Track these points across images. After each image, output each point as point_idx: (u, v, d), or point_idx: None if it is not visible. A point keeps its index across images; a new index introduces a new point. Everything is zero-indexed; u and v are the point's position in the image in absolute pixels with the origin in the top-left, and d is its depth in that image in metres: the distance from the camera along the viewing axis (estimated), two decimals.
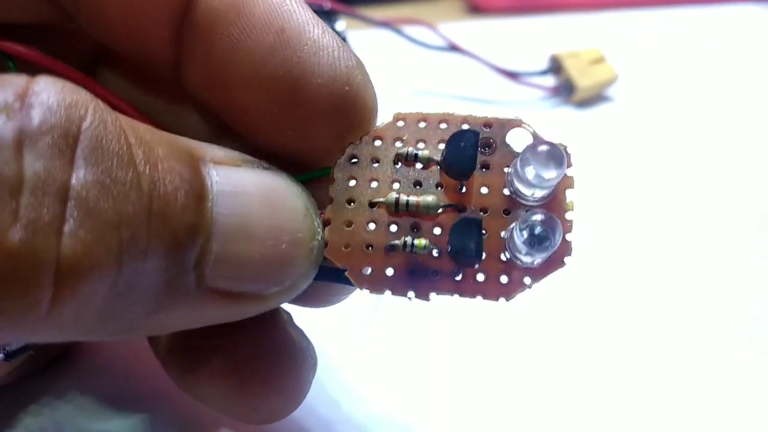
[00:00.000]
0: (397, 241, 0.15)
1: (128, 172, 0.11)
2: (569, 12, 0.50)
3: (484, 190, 0.15)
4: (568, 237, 0.15)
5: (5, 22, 0.16)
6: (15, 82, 0.11)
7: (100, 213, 0.11)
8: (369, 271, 0.15)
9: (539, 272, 0.15)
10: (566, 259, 0.15)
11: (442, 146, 0.15)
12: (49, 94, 0.11)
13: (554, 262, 0.15)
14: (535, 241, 0.14)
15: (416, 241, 0.15)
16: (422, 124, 0.16)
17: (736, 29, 0.49)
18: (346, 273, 0.15)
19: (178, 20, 0.15)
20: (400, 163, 0.15)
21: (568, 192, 0.15)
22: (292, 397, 0.17)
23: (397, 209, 0.15)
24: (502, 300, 0.15)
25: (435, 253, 0.15)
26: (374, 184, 0.15)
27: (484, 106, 0.39)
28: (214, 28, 0.15)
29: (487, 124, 0.16)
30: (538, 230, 0.14)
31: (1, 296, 0.10)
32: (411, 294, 0.15)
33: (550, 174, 0.14)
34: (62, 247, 0.10)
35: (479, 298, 0.15)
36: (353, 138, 0.16)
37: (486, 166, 0.15)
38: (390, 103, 0.18)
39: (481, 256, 0.14)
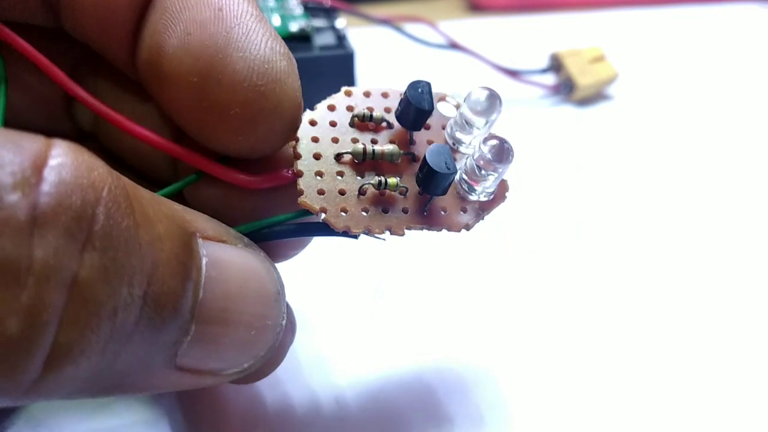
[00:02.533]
0: (370, 181, 0.16)
1: (132, 257, 0.11)
2: (570, 10, 0.50)
3: (430, 143, 0.18)
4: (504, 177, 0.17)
5: (3, 20, 0.16)
6: (31, 148, 0.11)
7: (100, 300, 0.11)
8: (345, 213, 0.16)
9: (488, 204, 0.17)
10: (507, 194, 0.18)
11: (386, 115, 0.18)
12: (67, 169, 0.11)
13: (498, 197, 0.18)
14: (498, 153, 0.16)
15: (389, 180, 0.16)
16: (367, 97, 0.18)
17: (737, 28, 0.49)
18: (324, 216, 0.16)
19: (140, 10, 0.16)
20: (354, 126, 0.17)
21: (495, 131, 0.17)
22: (271, 361, 0.17)
23: (364, 158, 0.17)
24: (463, 231, 0.17)
25: (401, 195, 0.17)
26: (335, 143, 0.17)
27: None
28: (161, 5, 0.16)
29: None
30: (496, 143, 0.16)
31: None
32: (386, 233, 0.16)
33: (492, 108, 0.17)
34: (58, 335, 0.10)
35: (444, 231, 0.17)
36: (269, 123, 0.16)
37: (426, 127, 0.18)
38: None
39: (456, 170, 0.16)
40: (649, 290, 0.25)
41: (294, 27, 0.35)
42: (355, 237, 0.16)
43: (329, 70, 0.34)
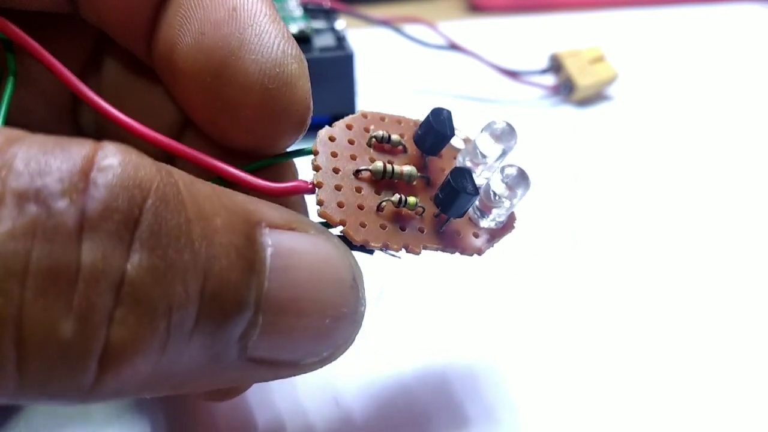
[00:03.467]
0: (391, 198, 0.16)
1: (184, 253, 0.11)
2: (569, 11, 0.50)
3: (443, 171, 0.18)
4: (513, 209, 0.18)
5: (19, 9, 0.17)
6: (80, 152, 0.11)
7: (152, 299, 0.11)
8: (364, 227, 0.16)
9: (499, 232, 0.18)
10: (515, 224, 0.18)
11: (402, 139, 0.18)
12: (113, 172, 0.11)
13: (508, 226, 0.18)
14: (517, 178, 0.17)
15: (409, 198, 0.17)
16: (383, 121, 0.18)
17: (737, 28, 0.49)
18: (344, 229, 0.16)
19: (158, 1, 0.16)
20: (372, 146, 0.18)
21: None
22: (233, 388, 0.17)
23: (383, 176, 0.17)
24: (475, 255, 0.17)
25: (418, 214, 0.17)
26: (353, 161, 0.17)
27: (484, 104, 0.39)
28: (178, 1, 0.16)
29: None
30: (515, 171, 0.17)
31: (48, 380, 0.10)
32: (403, 250, 0.16)
33: (504, 144, 0.18)
34: (111, 335, 0.11)
35: (458, 254, 0.17)
36: (279, 123, 0.16)
37: (438, 156, 0.18)
38: (390, 101, 0.18)
39: (478, 192, 0.16)
40: (650, 289, 0.25)
41: (293, 28, 0.35)
42: (371, 252, 0.16)
43: (329, 71, 0.34)
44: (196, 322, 0.12)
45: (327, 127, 0.17)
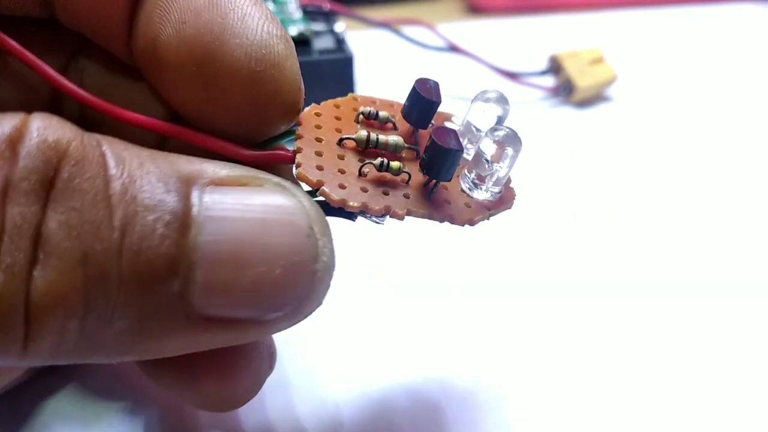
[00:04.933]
0: (372, 161, 0.16)
1: (99, 209, 0.12)
2: (569, 12, 0.50)
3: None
4: (511, 184, 0.17)
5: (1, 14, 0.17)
6: (9, 123, 0.12)
7: (65, 252, 0.12)
8: (344, 188, 0.15)
9: (493, 205, 0.17)
10: (513, 201, 0.17)
11: (392, 118, 0.17)
12: (36, 138, 0.12)
13: (505, 200, 0.17)
14: (508, 136, 0.16)
15: (392, 162, 0.16)
16: (373, 104, 0.18)
17: (737, 28, 0.49)
18: (321, 190, 0.15)
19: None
20: (359, 123, 0.17)
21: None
22: (244, 390, 0.17)
23: (367, 145, 0.16)
24: (467, 226, 0.16)
25: (405, 179, 0.16)
26: (338, 133, 0.17)
27: None
28: None
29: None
30: (506, 130, 0.16)
31: None
32: (385, 216, 0.15)
33: (497, 109, 0.17)
34: (32, 288, 0.11)
35: (447, 222, 0.16)
36: (269, 107, 0.16)
37: (430, 129, 0.17)
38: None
39: (463, 150, 0.16)
40: (649, 291, 0.25)
41: (293, 31, 0.35)
42: (352, 219, 0.16)
43: (328, 73, 0.34)
44: (119, 278, 0.12)
45: (314, 104, 0.17)
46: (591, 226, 0.29)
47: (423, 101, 0.17)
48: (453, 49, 0.41)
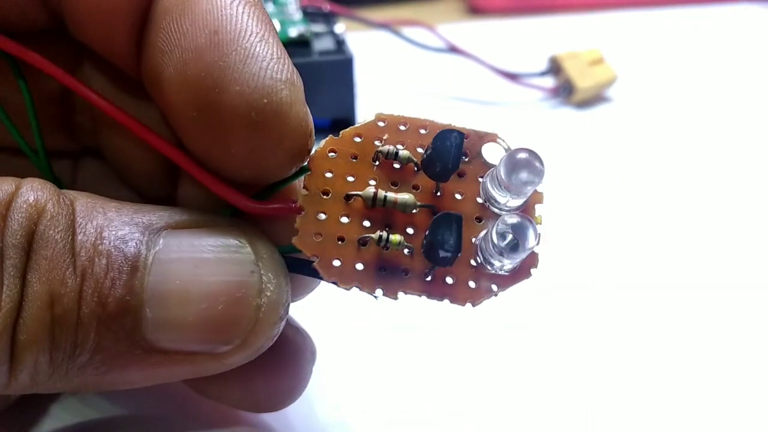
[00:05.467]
0: (371, 235, 0.15)
1: (66, 257, 0.13)
2: (568, 13, 0.50)
3: (458, 196, 0.16)
4: (535, 249, 0.15)
5: (7, 30, 0.16)
6: (3, 189, 0.14)
7: (38, 296, 0.13)
8: (338, 263, 0.15)
9: (506, 280, 0.15)
10: (532, 270, 0.15)
11: (420, 150, 0.16)
12: (22, 199, 0.14)
13: (521, 272, 0.15)
14: (509, 247, 0.14)
15: (391, 237, 0.15)
16: (402, 127, 0.16)
17: (736, 29, 0.49)
18: (315, 264, 0.15)
19: (140, 17, 0.16)
20: (378, 162, 0.16)
21: (538, 207, 0.16)
22: (291, 389, 0.18)
23: (373, 204, 0.15)
24: (468, 305, 0.15)
25: (407, 252, 0.15)
26: (351, 179, 0.15)
27: (484, 107, 0.39)
28: (160, 23, 0.15)
29: (465, 135, 0.16)
30: (511, 236, 0.14)
31: None
32: (379, 291, 0.15)
33: (527, 178, 0.14)
34: (18, 328, 0.13)
35: (446, 301, 0.15)
36: (274, 156, 0.15)
37: (461, 174, 0.16)
38: (390, 104, 0.18)
39: (460, 251, 0.14)
40: (649, 291, 0.25)
41: (293, 32, 0.35)
42: (347, 289, 0.15)
43: (328, 75, 0.34)
44: (79, 316, 0.13)
45: (331, 137, 0.16)
46: (591, 227, 0.29)
47: (440, 161, 0.15)
48: (453, 50, 0.41)
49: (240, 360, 0.15)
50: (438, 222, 0.14)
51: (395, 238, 0.15)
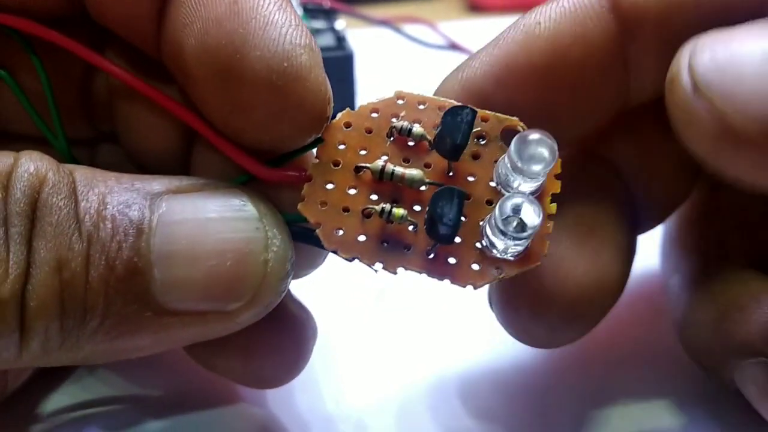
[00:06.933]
0: (375, 207, 0.15)
1: (70, 223, 0.14)
2: None
3: (471, 178, 0.15)
4: (546, 237, 0.15)
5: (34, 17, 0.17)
6: (5, 161, 0.14)
7: (47, 262, 0.13)
8: (341, 232, 0.15)
9: (512, 265, 0.15)
10: (542, 258, 0.15)
11: (432, 132, 0.15)
12: (23, 170, 0.14)
13: (529, 258, 0.15)
14: (507, 223, 0.14)
15: (394, 210, 0.15)
16: (421, 106, 0.16)
17: None
18: (317, 231, 0.15)
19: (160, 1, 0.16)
20: (392, 138, 0.16)
21: (553, 195, 0.15)
22: (293, 364, 0.18)
23: (381, 177, 0.15)
24: (469, 287, 0.15)
25: (411, 228, 0.15)
26: (363, 152, 0.16)
27: None
28: (180, 0, 0.16)
29: (485, 118, 0.16)
30: (510, 214, 0.14)
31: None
32: (379, 265, 0.15)
33: (537, 157, 0.14)
34: (26, 295, 0.13)
35: (447, 281, 0.15)
36: (293, 120, 0.15)
37: (476, 156, 0.16)
38: None
39: (458, 227, 0.14)
40: (650, 293, 0.25)
41: None
42: (349, 260, 0.15)
43: (328, 71, 0.34)
44: (87, 280, 0.14)
45: (348, 110, 0.16)
46: None
47: (450, 139, 0.15)
48: (453, 47, 0.41)
49: (250, 317, 0.15)
50: (439, 195, 0.14)
51: (398, 211, 0.15)
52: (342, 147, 0.16)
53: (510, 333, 0.18)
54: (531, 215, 0.14)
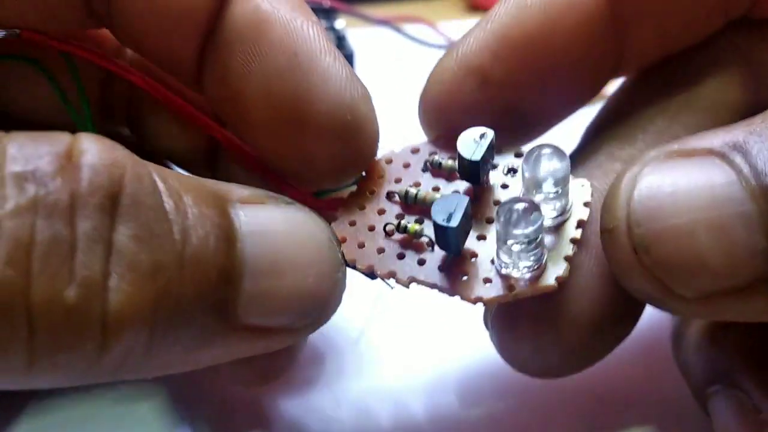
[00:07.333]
0: (393, 222, 0.16)
1: (162, 223, 0.12)
2: None
3: (496, 207, 0.16)
4: (565, 258, 0.15)
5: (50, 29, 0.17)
6: (63, 140, 0.12)
7: (138, 265, 0.12)
8: (361, 248, 0.16)
9: (527, 285, 0.15)
10: (561, 280, 0.15)
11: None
12: (93, 155, 0.12)
13: (545, 279, 0.15)
14: (506, 219, 0.14)
15: (409, 225, 0.16)
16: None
17: None
18: (341, 247, 0.16)
19: (204, 36, 0.16)
20: (427, 171, 0.17)
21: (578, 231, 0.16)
22: (282, 364, 0.18)
23: (405, 201, 0.16)
24: (479, 304, 0.15)
25: (427, 244, 0.16)
26: (397, 184, 0.17)
27: None
28: (235, 46, 0.16)
29: (518, 154, 0.17)
30: (507, 209, 0.14)
31: (57, 348, 0.11)
32: (393, 278, 0.15)
33: (553, 166, 0.15)
34: (109, 301, 0.12)
35: (457, 297, 0.15)
36: (352, 165, 0.17)
37: (505, 186, 0.17)
38: (390, 102, 0.18)
39: (461, 230, 0.15)
40: None
41: None
42: (371, 278, 0.16)
43: None
44: (181, 286, 0.12)
45: (392, 150, 0.17)
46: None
47: (464, 159, 0.16)
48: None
49: (307, 334, 0.15)
50: (443, 199, 0.15)
51: (413, 226, 0.16)
52: (377, 179, 0.17)
53: (505, 360, 0.17)
54: (526, 212, 0.14)
